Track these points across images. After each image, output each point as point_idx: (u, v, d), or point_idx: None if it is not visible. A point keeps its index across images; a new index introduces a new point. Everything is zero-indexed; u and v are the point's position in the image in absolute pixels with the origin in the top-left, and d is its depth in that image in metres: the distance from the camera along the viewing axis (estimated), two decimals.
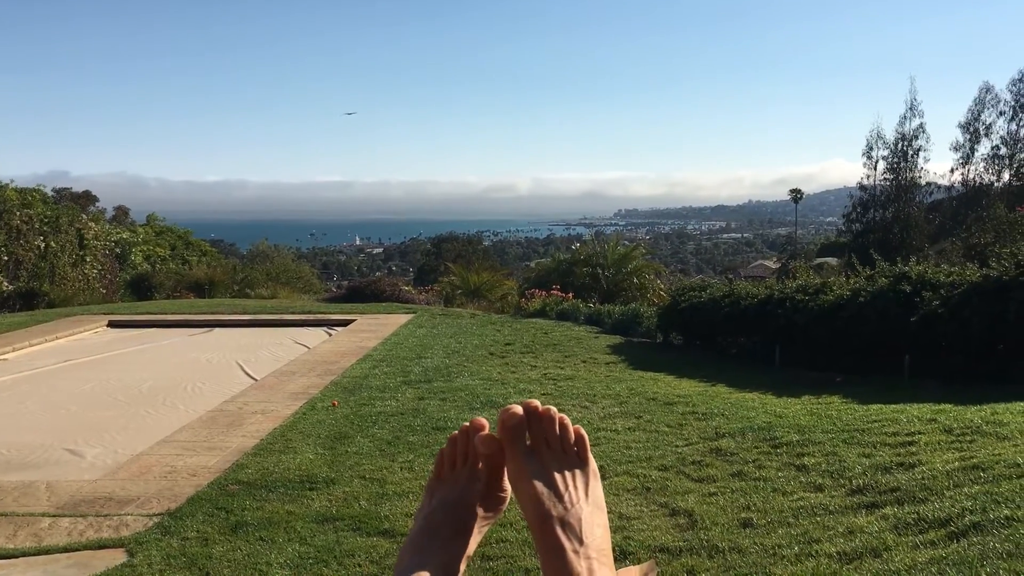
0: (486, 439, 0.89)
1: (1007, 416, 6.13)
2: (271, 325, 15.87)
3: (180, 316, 16.67)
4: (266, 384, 9.86)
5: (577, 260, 23.67)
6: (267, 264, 32.30)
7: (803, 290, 11.57)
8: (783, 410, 7.68)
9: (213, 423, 7.91)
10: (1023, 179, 46.14)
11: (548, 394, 9.01)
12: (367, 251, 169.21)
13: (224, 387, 9.99)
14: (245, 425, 7.77)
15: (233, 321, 16.14)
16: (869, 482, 5.10)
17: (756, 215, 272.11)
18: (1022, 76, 47.03)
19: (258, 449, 6.92)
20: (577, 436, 0.94)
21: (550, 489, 0.89)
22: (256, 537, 4.91)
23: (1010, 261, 9.63)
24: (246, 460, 6.59)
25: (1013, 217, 19.50)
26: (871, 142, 46.63)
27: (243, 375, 10.86)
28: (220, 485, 5.97)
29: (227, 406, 8.67)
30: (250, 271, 28.08)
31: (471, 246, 58.19)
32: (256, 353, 12.59)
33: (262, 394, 9.25)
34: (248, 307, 18.32)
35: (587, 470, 0.94)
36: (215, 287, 24.01)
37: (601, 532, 0.89)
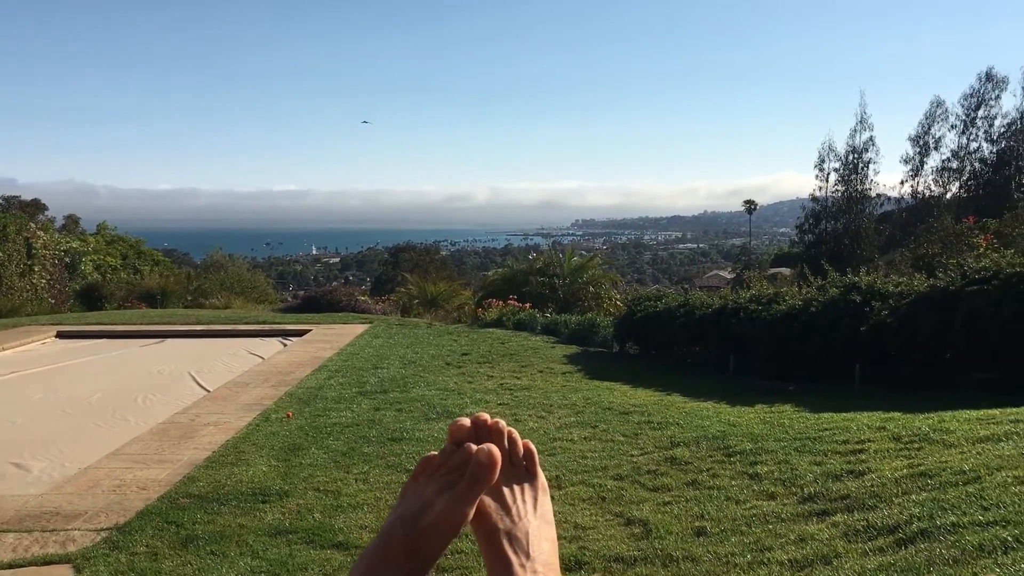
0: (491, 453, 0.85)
1: (953, 424, 6.26)
2: (225, 335, 15.67)
3: (131, 326, 16.39)
4: (219, 395, 9.73)
5: (534, 270, 23.73)
6: (221, 274, 31.92)
7: (756, 300, 11.72)
8: (737, 419, 7.76)
9: (164, 435, 7.78)
10: (971, 191, 47.28)
11: (504, 404, 9.01)
12: (324, 261, 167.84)
13: (176, 399, 9.83)
14: (197, 437, 7.65)
15: (186, 331, 15.91)
16: (820, 490, 5.17)
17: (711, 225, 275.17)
18: (973, 91, 48.24)
19: (210, 461, 6.81)
20: (526, 450, 0.93)
21: (498, 503, 0.88)
22: (207, 551, 4.83)
23: (956, 271, 9.84)
24: (198, 473, 6.49)
25: (959, 228, 19.93)
26: (823, 154, 47.38)
27: (196, 386, 10.70)
28: (170, 498, 5.87)
29: (179, 418, 8.54)
30: (204, 281, 27.73)
31: (428, 256, 58.06)
32: (209, 364, 12.41)
33: (215, 405, 9.12)
34: (201, 317, 18.08)
35: (536, 484, 0.94)
36: (168, 297, 23.66)
37: (549, 546, 0.89)
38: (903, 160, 49.84)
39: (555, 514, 3.56)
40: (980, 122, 48.17)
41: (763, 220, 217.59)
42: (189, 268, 39.29)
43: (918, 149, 49.32)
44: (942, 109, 49.03)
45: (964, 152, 48.12)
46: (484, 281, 27.29)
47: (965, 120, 48.27)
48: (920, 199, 48.54)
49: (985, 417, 6.39)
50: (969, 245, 17.27)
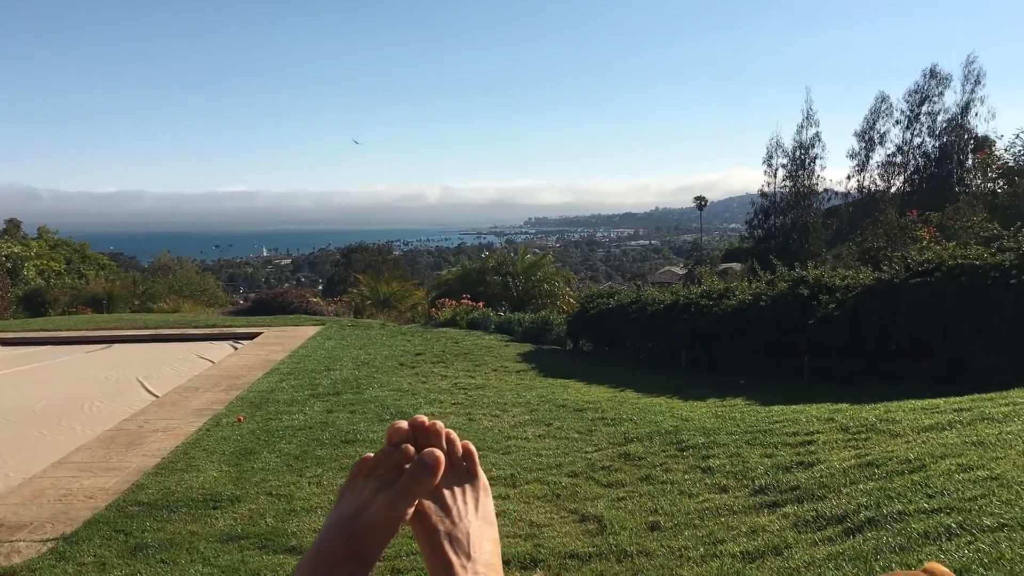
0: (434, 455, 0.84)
1: (899, 414, 6.38)
2: (174, 340, 15.43)
3: (76, 332, 16.06)
4: (168, 401, 9.57)
5: (487, 268, 23.72)
6: (170, 277, 31.39)
7: (707, 295, 11.85)
8: (689, 413, 7.84)
9: (112, 443, 7.63)
10: (914, 185, 48.32)
11: (459, 403, 8.99)
12: (275, 262, 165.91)
13: (124, 405, 9.65)
14: (146, 444, 7.52)
15: (133, 336, 15.63)
16: (771, 482, 5.24)
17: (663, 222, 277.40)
18: (916, 87, 49.32)
19: (159, 468, 6.70)
20: (465, 451, 0.92)
21: (437, 504, 0.87)
22: (157, 559, 4.75)
23: (900, 264, 10.05)
24: (146, 480, 6.38)
25: (904, 222, 20.35)
26: (771, 150, 48.12)
27: (144, 392, 10.52)
28: (119, 507, 5.76)
29: (127, 425, 8.38)
30: (152, 284, 27.27)
31: (381, 256, 57.76)
32: (158, 369, 12.21)
33: (164, 411, 8.97)
34: (149, 321, 17.78)
35: (476, 484, 0.93)
36: (114, 302, 23.21)
37: (490, 547, 0.88)
38: (849, 155, 50.83)
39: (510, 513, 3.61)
40: (924, 118, 49.27)
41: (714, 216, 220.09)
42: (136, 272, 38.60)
43: (863, 144, 50.34)
44: (887, 104, 50.08)
45: (908, 147, 49.20)
46: (437, 281, 27.22)
47: (909, 116, 49.37)
48: (866, 193, 49.52)
49: (929, 407, 6.53)
50: (913, 238, 17.67)
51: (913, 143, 49.05)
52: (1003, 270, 8.81)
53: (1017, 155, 25.31)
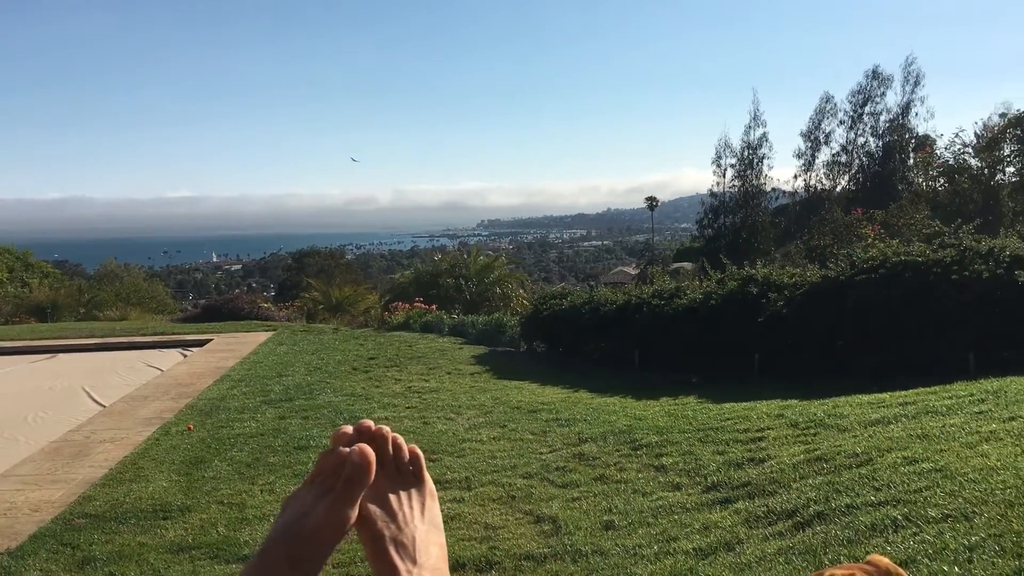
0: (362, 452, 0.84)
1: (847, 409, 6.50)
2: (121, 348, 15.14)
3: (19, 342, 15.68)
4: (116, 410, 9.39)
5: (440, 271, 23.66)
6: (117, 284, 30.78)
7: (659, 295, 11.95)
8: (643, 412, 7.90)
9: (57, 454, 7.47)
10: (859, 184, 49.26)
11: (413, 407, 8.96)
12: (225, 268, 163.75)
13: (70, 415, 9.44)
14: (93, 455, 7.37)
15: (79, 345, 15.30)
16: (723, 479, 5.30)
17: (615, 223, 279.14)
18: (859, 88, 50.30)
19: (107, 479, 6.57)
20: (412, 455, 0.92)
21: (383, 509, 0.87)
22: (105, 572, 4.66)
23: (846, 262, 10.25)
24: (94, 492, 6.25)
25: (849, 220, 20.75)
26: (719, 151, 48.71)
27: (91, 402, 10.30)
28: (65, 519, 5.64)
29: (73, 435, 8.21)
30: (98, 292, 26.71)
31: (333, 260, 57.20)
32: (105, 378, 11.97)
33: (111, 421, 8.80)
34: (96, 330, 17.42)
35: (423, 489, 0.93)
36: (59, 310, 22.71)
37: (437, 551, 0.88)
38: (796, 155, 51.62)
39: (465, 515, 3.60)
40: (867, 118, 50.25)
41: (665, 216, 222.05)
42: (82, 280, 37.78)
43: (809, 144, 51.17)
44: (831, 104, 50.97)
45: (852, 146, 50.14)
46: (391, 284, 27.09)
47: (853, 116, 50.33)
48: (812, 192, 50.35)
49: (876, 401, 6.67)
50: (858, 236, 18.02)
51: (857, 143, 50.00)
52: (944, 266, 9.02)
53: (956, 154, 25.95)
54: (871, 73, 50.02)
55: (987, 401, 5.91)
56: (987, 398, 6.01)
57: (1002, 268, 8.74)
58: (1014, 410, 5.44)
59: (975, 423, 5.26)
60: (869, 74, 50.12)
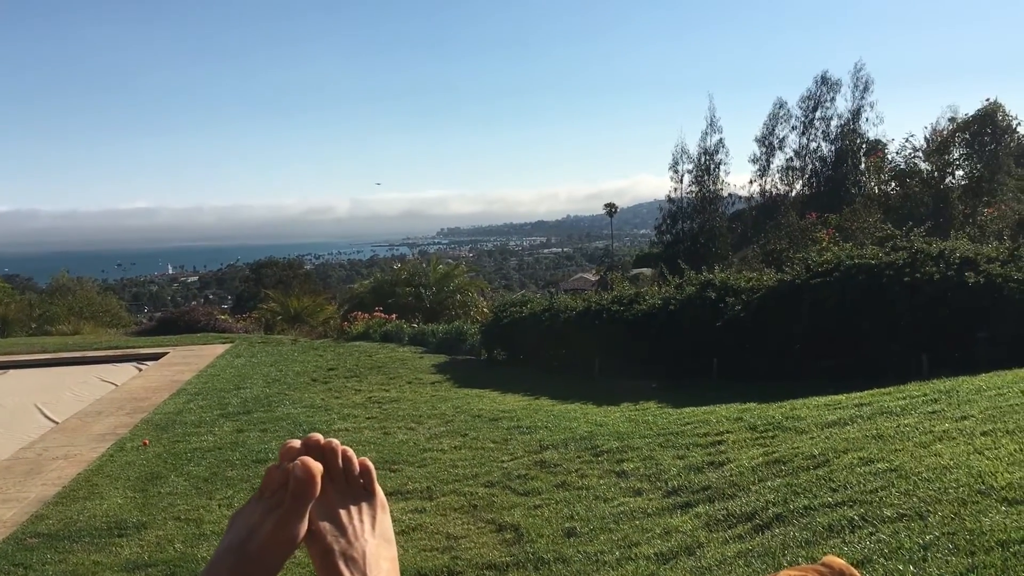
0: (305, 465, 0.83)
1: (804, 411, 6.58)
2: (74, 363, 14.84)
3: None
4: (68, 427, 9.21)
5: (400, 280, 23.57)
6: (69, 298, 30.21)
7: (619, 301, 12.00)
8: (604, 419, 7.92)
9: (8, 472, 7.30)
10: (813, 188, 50.00)
11: (373, 417, 8.90)
12: (181, 280, 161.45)
13: (21, 433, 9.23)
14: (45, 472, 7.22)
15: (30, 361, 14.98)
16: (683, 483, 5.33)
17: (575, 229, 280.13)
18: (809, 93, 51.10)
19: (60, 497, 6.44)
20: (363, 468, 0.91)
21: (332, 523, 0.86)
22: None
23: (801, 265, 10.38)
24: (46, 510, 6.12)
25: (804, 224, 21.03)
26: (676, 157, 49.13)
27: (43, 418, 10.08)
28: (17, 539, 5.51)
29: (24, 453, 8.03)
30: (50, 307, 26.20)
31: (292, 270, 56.65)
32: (57, 394, 11.72)
33: (64, 437, 8.63)
34: (48, 345, 17.07)
35: (374, 503, 0.92)
36: (9, 326, 22.23)
37: (388, 565, 0.87)
38: (751, 160, 52.29)
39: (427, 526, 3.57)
40: (818, 123, 51.07)
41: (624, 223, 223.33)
42: (33, 294, 37.04)
43: (764, 149, 51.88)
44: (784, 110, 51.73)
45: (805, 151, 50.92)
46: (350, 294, 26.91)
47: (804, 121, 51.13)
48: (768, 197, 51.04)
49: (832, 403, 6.75)
50: (813, 240, 18.26)
51: (809, 147, 50.79)
52: (897, 268, 9.18)
53: (907, 158, 26.42)
54: (820, 79, 50.85)
55: (940, 401, 6.01)
56: (940, 398, 6.12)
57: (952, 270, 8.91)
58: (966, 409, 5.54)
59: (928, 423, 5.35)
60: (818, 80, 50.95)
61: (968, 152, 25.31)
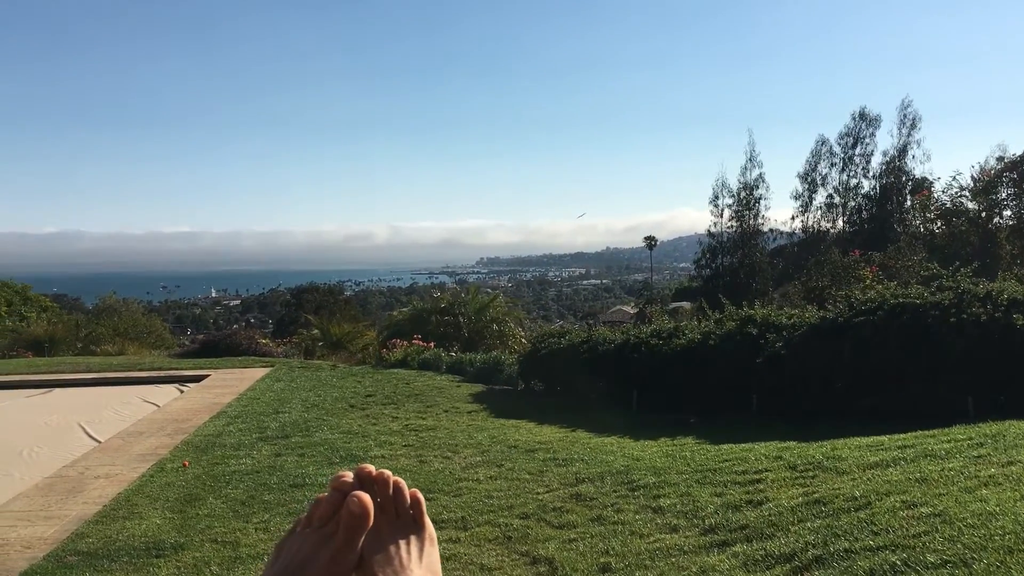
0: (361, 501, 0.85)
1: (845, 451, 6.48)
2: (118, 383, 15.08)
3: (16, 376, 15.63)
4: (111, 446, 9.34)
5: (438, 309, 23.66)
6: (115, 319, 30.74)
7: (657, 335, 11.94)
8: (640, 453, 7.87)
9: (51, 490, 7.42)
10: (855, 225, 49.52)
11: (410, 445, 8.92)
12: (224, 303, 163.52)
13: (64, 451, 9.39)
14: (87, 491, 7.32)
15: (76, 380, 15.25)
16: (720, 521, 5.27)
17: (614, 261, 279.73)
18: (848, 130, 50.82)
19: (100, 516, 6.53)
20: (413, 499, 0.92)
21: (381, 553, 0.87)
22: None
23: (844, 303, 10.26)
24: (87, 528, 6.20)
25: (846, 261, 20.78)
26: (716, 191, 49.08)
27: (86, 437, 10.25)
28: (57, 557, 5.59)
29: (67, 471, 8.16)
30: (95, 327, 26.67)
31: (332, 296, 57.22)
32: (100, 413, 11.92)
33: (106, 457, 8.76)
34: (93, 365, 17.39)
35: (422, 535, 0.93)
36: (56, 344, 22.66)
37: None
38: (793, 196, 52.07)
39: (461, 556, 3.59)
40: (858, 159, 50.72)
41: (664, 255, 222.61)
42: (80, 314, 37.73)
43: (806, 186, 51.62)
44: (827, 147, 51.47)
45: (845, 188, 50.55)
46: (389, 321, 27.04)
47: (843, 158, 50.82)
48: (810, 233, 50.66)
49: (874, 444, 6.64)
50: (856, 277, 18.05)
51: (849, 184, 50.44)
52: (942, 309, 9.04)
53: (953, 197, 26.07)
54: (858, 114, 50.58)
55: (986, 445, 5.89)
56: (986, 442, 6.00)
57: (1000, 311, 8.75)
58: (1013, 454, 5.43)
59: (974, 467, 5.24)
60: (856, 115, 50.68)
61: (1017, 192, 24.89)
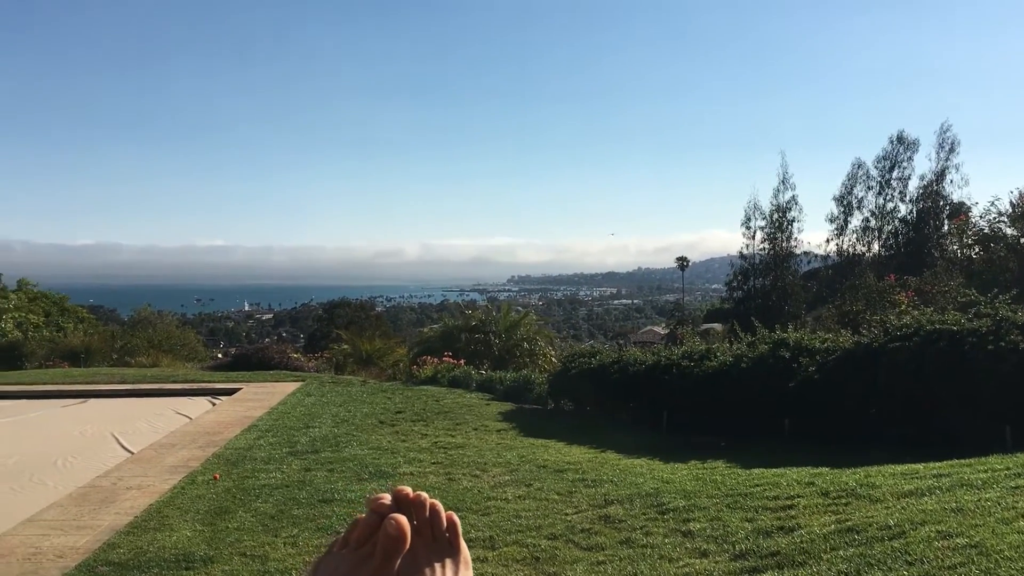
0: (398, 524, 0.85)
1: (879, 479, 6.38)
2: (151, 395, 15.26)
3: (52, 386, 15.87)
4: (143, 457, 9.44)
5: (469, 327, 23.70)
6: (149, 331, 31.13)
7: (689, 356, 11.87)
8: (670, 475, 7.80)
9: (84, 500, 7.50)
10: (891, 250, 48.98)
11: (438, 463, 8.92)
12: (256, 317, 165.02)
13: (98, 461, 9.51)
14: (119, 502, 7.40)
15: (110, 391, 15.45)
16: (751, 547, 5.21)
17: (645, 281, 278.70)
18: (885, 154, 50.36)
19: (132, 527, 6.59)
20: (449, 523, 0.93)
21: None
22: None
23: (879, 328, 10.14)
24: (118, 539, 6.26)
25: (882, 286, 20.55)
26: (749, 212, 48.84)
27: (119, 448, 10.37)
28: (89, 567, 5.65)
29: (100, 481, 8.25)
30: (131, 338, 27.04)
31: (364, 312, 57.45)
32: (134, 424, 12.05)
33: (139, 468, 8.84)
34: (127, 376, 17.61)
35: (458, 558, 0.93)
36: (92, 355, 23.01)
37: None
38: (828, 219, 51.67)
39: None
40: (895, 183, 50.22)
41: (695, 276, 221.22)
42: (116, 325, 38.30)
43: (842, 209, 51.17)
44: (863, 170, 51.04)
45: (882, 212, 50.05)
46: (419, 337, 27.13)
47: (880, 181, 50.34)
48: (845, 257, 50.19)
49: (909, 472, 6.54)
50: (891, 302, 17.82)
51: (886, 208, 49.96)
52: (980, 336, 8.90)
53: (992, 222, 25.68)
54: (896, 138, 50.14)
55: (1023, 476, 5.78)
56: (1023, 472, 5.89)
57: None
58: None
59: (1012, 498, 5.14)
60: (893, 139, 50.23)
61: None
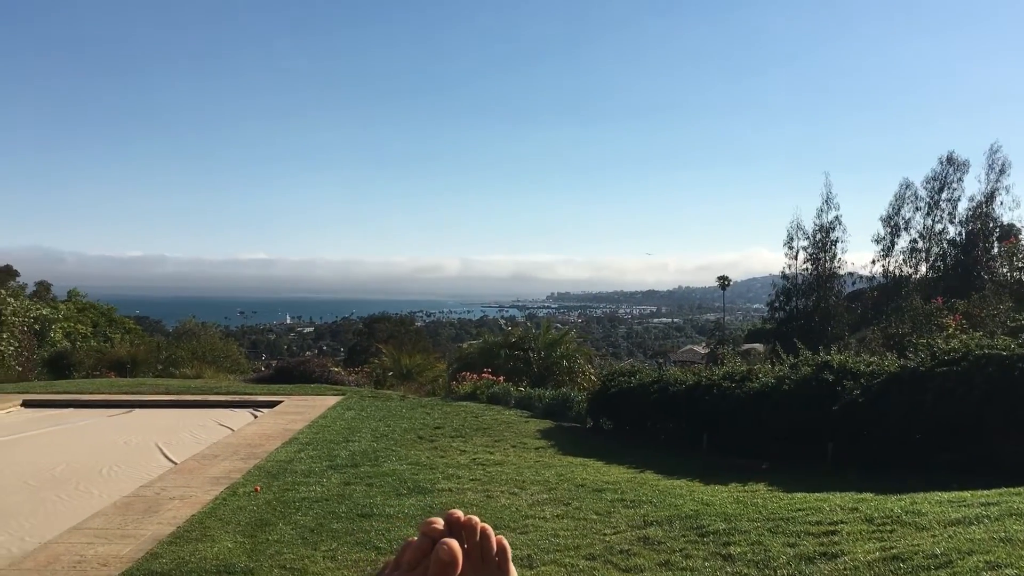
0: (450, 549, 0.86)
1: (925, 506, 6.26)
2: (194, 406, 15.48)
3: (99, 396, 16.15)
4: (186, 468, 9.56)
5: (508, 343, 23.69)
6: (194, 342, 31.63)
7: (730, 377, 11.76)
8: (710, 498, 7.72)
9: (128, 509, 7.62)
10: (939, 272, 48.16)
11: (477, 479, 8.92)
12: (298, 330, 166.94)
13: (142, 471, 9.65)
14: (162, 511, 7.50)
15: (155, 401, 15.70)
16: (793, 572, 5.13)
17: (686, 300, 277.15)
18: (935, 174, 49.61)
19: (174, 537, 6.67)
20: (499, 547, 0.93)
21: None
22: None
23: (926, 352, 9.96)
24: (161, 549, 6.34)
25: (929, 309, 20.22)
26: (791, 232, 48.36)
27: (162, 458, 10.52)
28: None
29: (144, 491, 8.37)
30: (175, 350, 27.47)
31: (403, 326, 57.83)
32: (177, 435, 12.23)
33: (181, 478, 8.96)
34: (171, 387, 17.87)
35: None
36: (138, 366, 23.40)
37: None
38: (875, 240, 50.98)
39: None
40: (944, 204, 49.43)
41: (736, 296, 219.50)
42: (161, 336, 38.95)
43: (889, 229, 50.46)
44: (911, 191, 50.33)
45: (929, 233, 49.27)
46: (459, 353, 27.18)
47: (929, 202, 49.56)
48: (891, 278, 49.45)
49: (956, 499, 6.41)
50: (939, 325, 17.52)
51: (934, 229, 49.19)
52: None
53: None
54: (945, 159, 49.38)
55: None
56: None
57: None
58: None
59: None
60: (943, 160, 49.47)
61: None
